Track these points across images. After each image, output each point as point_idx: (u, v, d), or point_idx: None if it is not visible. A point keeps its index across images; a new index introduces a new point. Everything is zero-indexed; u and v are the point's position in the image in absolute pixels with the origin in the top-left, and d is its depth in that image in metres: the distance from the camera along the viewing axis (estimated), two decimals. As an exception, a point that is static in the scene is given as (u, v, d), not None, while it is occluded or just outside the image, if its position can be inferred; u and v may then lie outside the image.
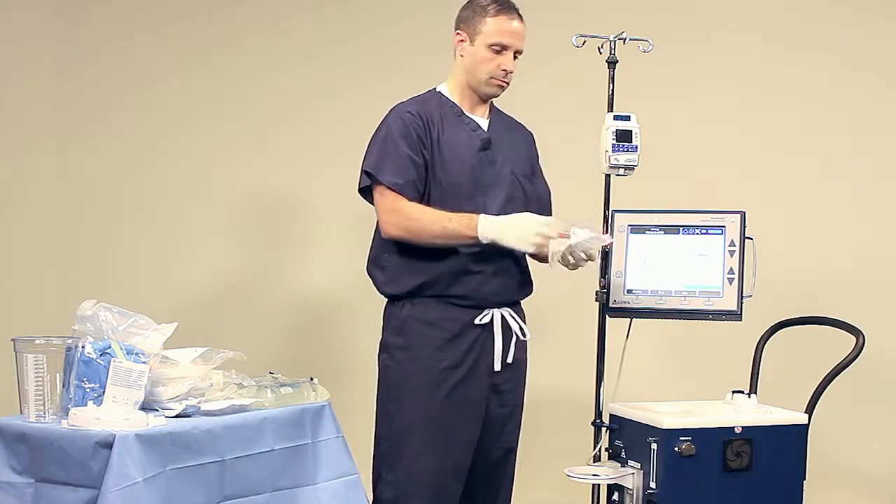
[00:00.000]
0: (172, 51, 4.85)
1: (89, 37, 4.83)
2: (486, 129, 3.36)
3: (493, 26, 3.29)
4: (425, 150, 3.26)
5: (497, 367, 3.29)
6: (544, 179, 3.53)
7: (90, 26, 4.84)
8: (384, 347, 3.32)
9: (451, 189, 3.26)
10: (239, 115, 4.87)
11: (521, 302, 3.44)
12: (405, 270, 3.26)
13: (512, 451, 3.43)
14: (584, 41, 3.66)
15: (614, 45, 3.68)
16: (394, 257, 3.27)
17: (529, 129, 3.53)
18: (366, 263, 3.37)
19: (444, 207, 3.21)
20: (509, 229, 3.15)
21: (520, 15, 3.34)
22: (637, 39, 3.69)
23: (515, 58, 3.33)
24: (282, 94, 4.87)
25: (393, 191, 3.21)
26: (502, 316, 3.30)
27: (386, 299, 3.34)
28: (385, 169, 3.23)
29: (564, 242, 3.13)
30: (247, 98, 4.87)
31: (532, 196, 3.41)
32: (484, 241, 3.16)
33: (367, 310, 3.47)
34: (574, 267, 3.23)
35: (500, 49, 3.29)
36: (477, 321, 3.26)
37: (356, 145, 3.37)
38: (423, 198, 3.25)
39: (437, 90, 3.38)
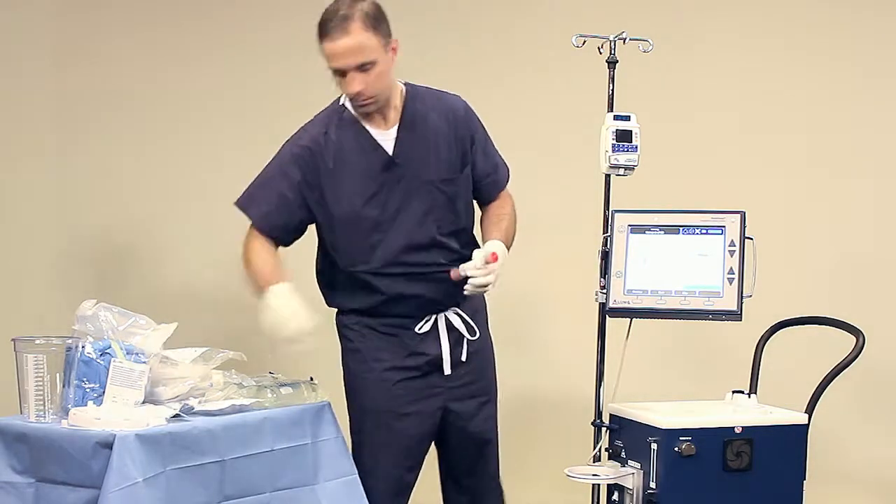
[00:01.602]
0: (172, 52, 4.85)
1: (89, 37, 4.83)
2: (392, 142, 3.18)
3: (324, 53, 3.05)
4: (309, 190, 3.18)
5: (447, 370, 3.26)
6: (489, 148, 3.35)
7: (90, 27, 4.84)
8: (341, 351, 3.35)
9: (350, 220, 3.17)
10: (239, 116, 4.87)
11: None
12: (341, 294, 3.29)
13: (489, 442, 3.39)
14: (584, 41, 3.66)
15: (614, 45, 3.68)
16: (332, 279, 3.29)
17: (460, 99, 3.31)
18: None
19: (348, 239, 3.18)
20: (266, 318, 3.08)
21: (345, 27, 3.00)
22: (637, 39, 3.68)
23: (366, 70, 3.04)
24: (282, 95, 4.86)
25: (256, 230, 3.22)
26: (447, 318, 3.26)
27: None
28: (253, 203, 3.23)
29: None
30: (247, 98, 4.87)
31: (459, 195, 3.26)
32: None
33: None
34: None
35: (340, 74, 3.06)
36: (417, 329, 3.24)
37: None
38: (324, 231, 3.22)
39: (342, 103, 3.21)
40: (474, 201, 3.36)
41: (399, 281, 3.20)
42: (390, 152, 3.19)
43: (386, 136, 3.19)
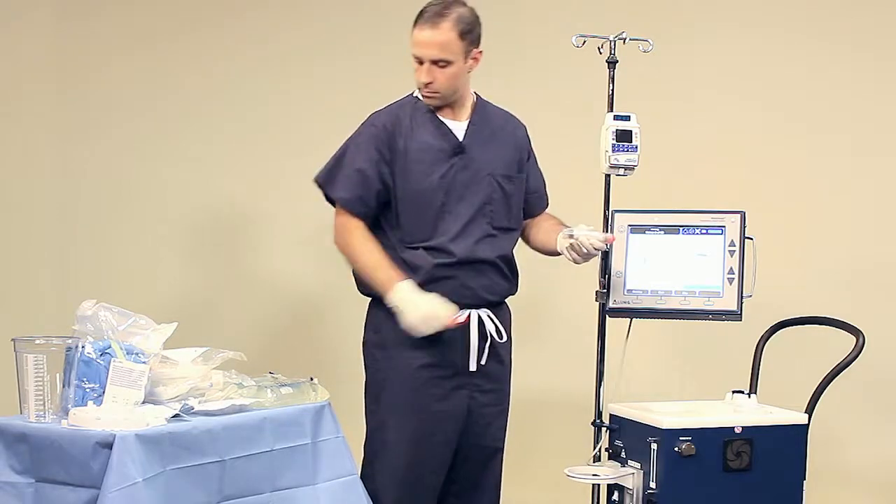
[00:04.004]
0: (171, 53, 4.85)
1: (90, 38, 4.83)
2: (463, 132, 3.34)
3: (411, 39, 3.25)
4: (384, 165, 3.29)
5: (472, 367, 3.30)
6: (539, 170, 3.54)
7: (91, 28, 4.84)
8: (365, 345, 3.39)
9: (416, 197, 3.28)
10: (239, 117, 4.87)
11: (517, 302, 3.45)
12: None
13: (499, 450, 3.44)
14: (584, 41, 3.66)
15: (614, 45, 3.68)
16: None
17: (521, 121, 3.52)
18: None
19: (411, 216, 3.27)
20: (416, 310, 3.16)
21: (437, 22, 3.20)
22: (637, 39, 3.69)
23: (441, 67, 3.22)
24: (281, 99, 4.86)
25: (342, 207, 3.30)
26: (479, 317, 3.31)
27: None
28: (334, 182, 3.32)
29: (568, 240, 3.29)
30: (248, 100, 4.87)
31: (514, 195, 3.39)
32: (389, 306, 3.21)
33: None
34: (579, 261, 3.33)
35: (418, 61, 3.25)
36: None
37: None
38: (388, 208, 3.30)
39: (415, 95, 3.38)
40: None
41: (448, 265, 3.27)
42: (460, 139, 3.34)
43: (457, 126, 3.36)
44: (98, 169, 4.83)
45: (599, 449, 3.58)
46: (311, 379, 3.21)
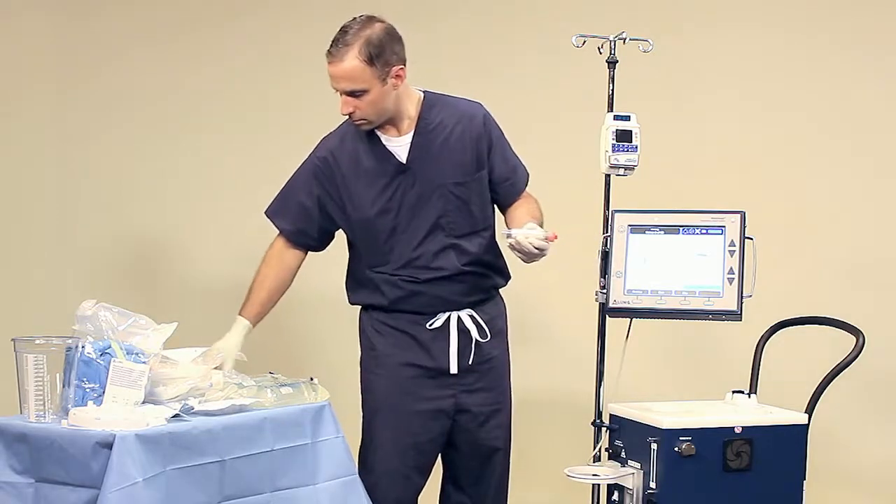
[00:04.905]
0: (171, 53, 4.85)
1: (90, 38, 4.83)
2: (407, 148, 3.24)
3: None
4: (328, 198, 3.32)
5: (453, 369, 3.29)
6: (507, 153, 3.39)
7: (91, 28, 4.84)
8: (360, 350, 3.43)
9: (366, 225, 3.28)
10: (239, 117, 4.87)
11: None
12: (357, 289, 3.40)
13: (498, 450, 3.42)
14: (584, 41, 3.66)
15: (614, 45, 3.68)
16: (353, 277, 3.41)
17: (479, 106, 3.36)
18: None
19: (365, 243, 3.31)
20: (215, 344, 3.21)
21: (340, 54, 3.10)
22: (637, 39, 3.69)
23: (357, 96, 3.13)
24: (277, 100, 4.86)
25: (281, 236, 3.38)
26: (459, 318, 3.30)
27: None
28: (279, 213, 3.38)
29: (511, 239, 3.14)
30: (247, 99, 4.87)
31: (473, 198, 3.30)
32: None
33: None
34: (527, 260, 3.18)
35: (337, 92, 3.17)
36: (428, 326, 3.29)
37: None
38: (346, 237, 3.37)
39: None
40: (495, 205, 3.41)
41: (413, 283, 3.28)
42: (403, 159, 3.27)
43: (399, 143, 3.27)
44: (98, 169, 4.83)
45: (599, 449, 3.58)
46: (311, 379, 3.21)
